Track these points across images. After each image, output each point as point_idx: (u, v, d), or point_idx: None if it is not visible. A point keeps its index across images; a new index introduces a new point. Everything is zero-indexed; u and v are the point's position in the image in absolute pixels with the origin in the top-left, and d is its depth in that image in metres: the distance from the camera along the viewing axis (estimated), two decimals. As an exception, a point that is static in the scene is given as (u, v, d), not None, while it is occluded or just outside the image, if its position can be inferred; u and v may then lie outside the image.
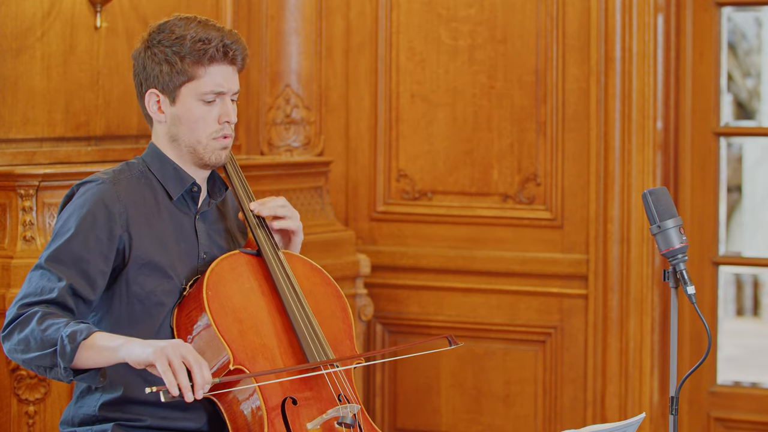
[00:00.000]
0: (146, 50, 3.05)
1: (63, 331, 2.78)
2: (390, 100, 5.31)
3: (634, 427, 2.75)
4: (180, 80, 3.02)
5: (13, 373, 3.96)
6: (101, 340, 2.79)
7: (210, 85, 3.02)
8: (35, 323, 2.81)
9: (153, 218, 3.03)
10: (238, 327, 2.94)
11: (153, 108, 3.06)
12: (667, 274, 2.94)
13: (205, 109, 3.03)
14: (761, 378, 6.82)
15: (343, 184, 5.38)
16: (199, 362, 2.73)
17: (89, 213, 2.95)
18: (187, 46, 3.01)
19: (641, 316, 4.96)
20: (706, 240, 5.05)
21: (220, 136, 3.05)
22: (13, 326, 2.84)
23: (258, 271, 3.07)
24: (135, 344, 2.77)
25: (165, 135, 3.07)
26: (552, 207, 5.09)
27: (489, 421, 5.18)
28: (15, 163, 4.29)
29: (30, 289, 2.88)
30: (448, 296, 5.23)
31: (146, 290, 2.98)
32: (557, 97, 5.05)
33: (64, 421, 3.08)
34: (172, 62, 3.01)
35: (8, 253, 3.99)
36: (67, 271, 2.89)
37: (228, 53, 3.03)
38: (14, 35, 4.33)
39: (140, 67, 3.07)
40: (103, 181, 3.01)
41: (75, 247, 2.91)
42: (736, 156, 10.05)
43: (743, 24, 10.18)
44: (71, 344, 2.76)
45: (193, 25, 3.04)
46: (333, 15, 5.36)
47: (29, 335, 2.81)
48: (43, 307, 2.85)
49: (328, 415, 2.92)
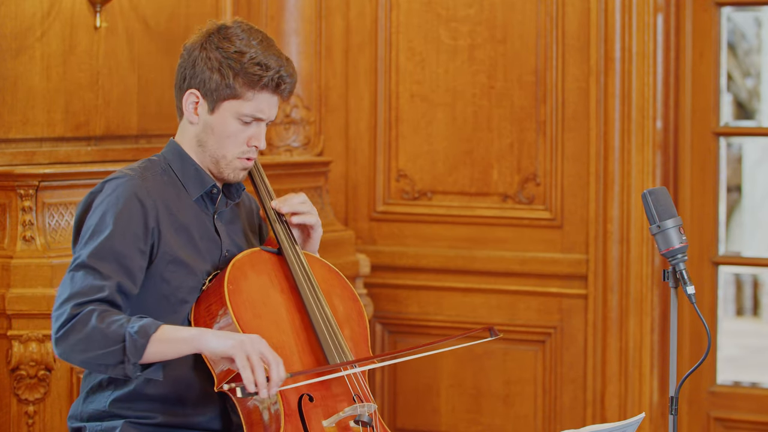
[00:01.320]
0: (201, 49, 3.03)
1: (129, 327, 2.79)
2: (390, 100, 5.31)
3: (633, 427, 2.75)
4: (226, 94, 3.01)
5: (13, 373, 3.96)
6: (171, 332, 2.82)
7: (253, 109, 3.02)
8: (96, 321, 2.81)
9: (179, 215, 3.04)
10: (257, 322, 2.95)
11: (189, 108, 3.05)
12: (667, 274, 2.94)
13: (240, 128, 3.03)
14: (761, 378, 6.82)
15: (342, 184, 5.38)
16: (276, 360, 2.78)
17: (125, 208, 2.94)
18: (245, 64, 2.99)
19: (641, 316, 4.96)
20: (706, 240, 5.05)
21: (245, 157, 3.06)
22: (70, 327, 2.82)
23: (278, 268, 3.09)
24: (211, 335, 2.81)
25: (193, 137, 3.07)
26: (552, 207, 5.09)
27: (489, 421, 5.18)
28: (15, 163, 4.29)
29: (77, 289, 2.86)
30: (447, 296, 5.23)
31: (173, 286, 2.99)
32: (557, 97, 5.05)
33: (73, 416, 3.08)
34: (224, 74, 3.00)
35: (8, 253, 3.99)
36: (111, 268, 2.89)
37: (280, 85, 3.03)
38: (14, 35, 4.33)
39: (189, 63, 3.04)
40: (132, 177, 3.00)
41: (116, 244, 2.91)
42: (735, 156, 10.06)
43: (743, 24, 10.18)
44: (142, 339, 2.78)
45: (255, 43, 3.02)
46: (333, 15, 5.36)
47: (91, 334, 2.80)
48: (97, 305, 2.84)
49: (345, 413, 2.93)
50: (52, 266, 3.97)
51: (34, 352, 3.94)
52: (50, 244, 4.03)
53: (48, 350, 3.95)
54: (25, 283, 3.96)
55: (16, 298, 3.94)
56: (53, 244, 4.04)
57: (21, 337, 3.94)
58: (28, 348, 3.94)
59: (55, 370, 3.98)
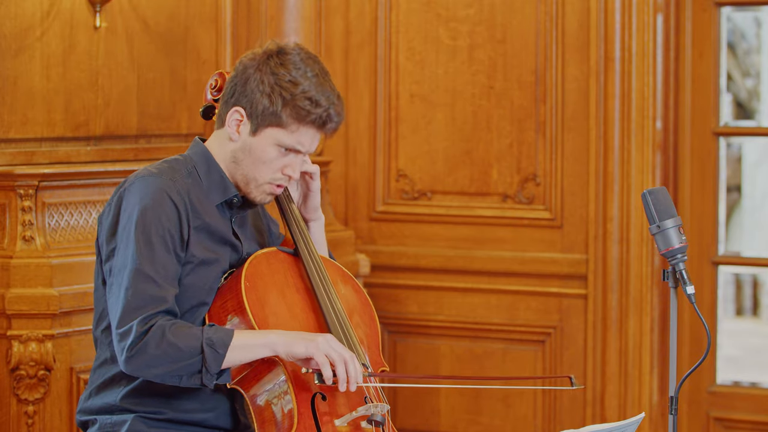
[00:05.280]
0: (257, 70, 3.02)
1: (206, 339, 2.85)
2: (389, 100, 5.31)
3: (633, 427, 2.75)
4: (271, 121, 3.01)
5: (13, 373, 3.96)
6: (246, 338, 2.88)
7: (294, 142, 3.03)
8: (171, 336, 2.84)
9: (204, 218, 3.05)
10: (273, 320, 2.98)
11: (233, 124, 3.05)
12: (667, 274, 2.94)
13: (277, 156, 3.04)
14: (760, 378, 6.82)
15: (342, 184, 5.38)
16: (352, 357, 2.87)
17: (163, 212, 2.95)
18: (296, 96, 2.99)
19: (641, 315, 4.96)
20: (706, 240, 5.05)
21: (276, 184, 3.07)
22: (142, 345, 2.84)
23: (294, 268, 3.12)
24: (286, 338, 2.87)
25: (229, 153, 3.07)
26: (551, 207, 5.09)
27: (488, 421, 5.18)
28: (14, 163, 4.29)
29: (140, 301, 2.87)
30: (447, 296, 5.23)
31: (196, 288, 3.00)
32: (556, 97, 5.05)
33: (82, 410, 3.09)
34: (273, 101, 3.00)
35: (8, 253, 3.99)
36: (163, 276, 2.91)
37: (327, 124, 3.04)
38: (13, 35, 4.33)
39: (242, 80, 3.04)
40: (163, 177, 3.01)
41: (162, 251, 2.93)
42: (735, 156, 10.06)
43: (742, 24, 10.18)
44: (222, 350, 2.84)
45: (311, 75, 3.02)
46: (332, 15, 5.35)
47: (166, 350, 2.84)
48: (163, 319, 2.87)
49: (357, 412, 2.94)
50: (52, 266, 3.97)
51: (34, 352, 3.94)
52: (50, 244, 4.03)
53: (48, 350, 3.95)
54: (25, 283, 3.96)
55: (16, 298, 3.94)
56: (53, 244, 4.04)
57: (21, 337, 3.94)
58: (27, 348, 3.94)
59: (54, 370, 3.98)
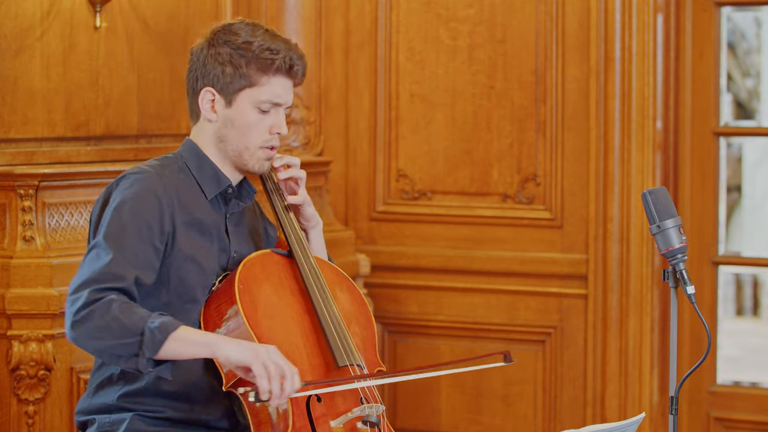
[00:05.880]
0: (209, 48, 3.07)
1: (150, 322, 2.79)
2: (389, 100, 5.31)
3: (633, 427, 2.75)
4: (241, 84, 3.05)
5: (13, 373, 3.96)
6: (190, 334, 2.83)
7: (269, 94, 3.06)
8: (117, 311, 2.80)
9: (194, 214, 3.05)
10: (267, 322, 2.97)
11: (206, 106, 3.08)
12: (667, 274, 2.95)
13: (259, 117, 3.07)
14: (761, 378, 6.81)
15: (342, 184, 5.38)
16: (291, 371, 2.80)
17: (142, 204, 2.96)
18: (255, 52, 3.04)
19: (641, 315, 4.96)
20: (706, 240, 5.05)
21: (268, 147, 3.09)
22: (88, 312, 2.81)
23: (288, 270, 3.11)
24: (229, 343, 2.82)
25: (212, 135, 3.10)
26: (551, 207, 5.09)
27: (489, 421, 5.18)
28: (14, 163, 4.29)
29: (96, 274, 2.86)
30: (447, 296, 5.23)
31: (185, 284, 3.00)
32: (557, 96, 5.05)
33: (80, 410, 3.09)
34: (236, 65, 3.04)
35: (8, 253, 3.99)
36: (129, 259, 2.89)
37: (293, 67, 3.07)
38: (14, 35, 4.33)
39: (199, 64, 3.08)
40: (150, 174, 3.02)
41: (133, 238, 2.91)
42: (735, 156, 10.06)
43: (743, 24, 10.18)
44: (161, 335, 2.78)
45: (260, 32, 3.07)
46: (332, 15, 5.36)
47: (110, 322, 2.79)
48: (117, 295, 2.84)
49: (353, 413, 2.94)
50: (52, 266, 3.97)
51: (34, 352, 3.94)
52: (50, 244, 4.03)
53: (48, 350, 3.95)
54: (25, 283, 3.96)
55: (16, 298, 3.94)
56: (53, 244, 4.04)
57: (21, 337, 3.94)
58: (28, 348, 3.94)
59: (55, 370, 3.98)
